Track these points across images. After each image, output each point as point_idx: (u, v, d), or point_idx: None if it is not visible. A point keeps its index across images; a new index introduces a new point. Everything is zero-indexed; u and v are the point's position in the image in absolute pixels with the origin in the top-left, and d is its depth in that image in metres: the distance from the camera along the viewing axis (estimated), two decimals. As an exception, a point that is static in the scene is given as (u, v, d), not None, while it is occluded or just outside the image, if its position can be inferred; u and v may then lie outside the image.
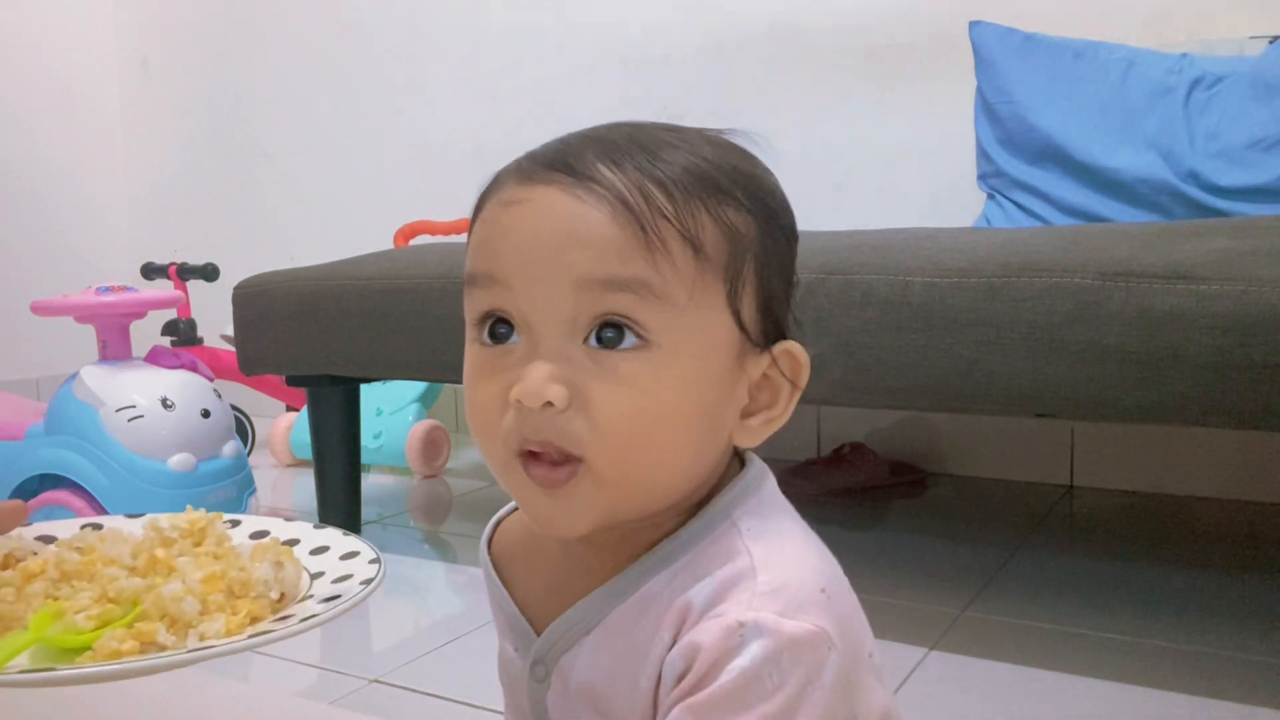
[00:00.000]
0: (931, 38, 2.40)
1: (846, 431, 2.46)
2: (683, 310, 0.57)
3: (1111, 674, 1.34)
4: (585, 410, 0.56)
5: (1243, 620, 1.52)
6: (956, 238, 1.45)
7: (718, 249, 0.58)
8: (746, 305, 0.60)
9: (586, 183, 0.57)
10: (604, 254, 0.56)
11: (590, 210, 0.56)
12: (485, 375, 0.60)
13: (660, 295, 0.56)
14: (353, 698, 1.33)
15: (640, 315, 0.56)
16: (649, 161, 0.58)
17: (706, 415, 0.60)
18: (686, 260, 0.57)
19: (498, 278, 0.59)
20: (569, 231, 0.56)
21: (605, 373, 0.56)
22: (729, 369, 0.60)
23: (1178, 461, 2.23)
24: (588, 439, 0.56)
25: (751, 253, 0.60)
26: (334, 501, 2.04)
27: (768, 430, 0.63)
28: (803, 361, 0.63)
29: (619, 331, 0.56)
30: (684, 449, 0.59)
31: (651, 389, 0.57)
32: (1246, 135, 1.88)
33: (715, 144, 0.62)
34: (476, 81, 3.03)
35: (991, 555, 1.82)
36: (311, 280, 1.92)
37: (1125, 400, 1.22)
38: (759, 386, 0.63)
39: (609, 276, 0.56)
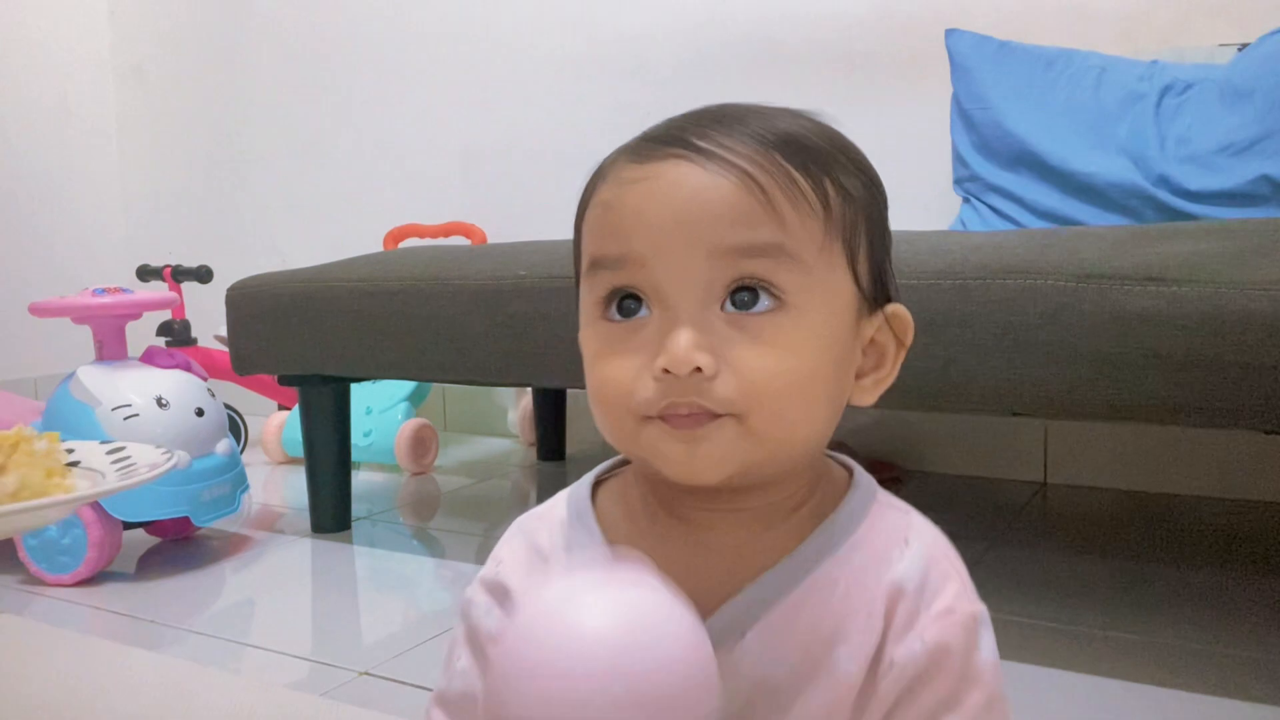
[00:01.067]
0: (908, 46, 2.43)
1: (827, 430, 2.48)
2: (812, 270, 0.58)
3: (1084, 667, 1.35)
4: (732, 373, 0.56)
5: (1215, 615, 1.54)
6: (933, 240, 1.46)
7: (839, 212, 0.59)
8: (862, 266, 0.61)
9: (709, 154, 0.58)
10: (736, 221, 0.56)
11: (717, 179, 0.57)
12: (616, 350, 0.59)
13: (793, 256, 0.57)
14: (343, 690, 1.34)
15: (775, 277, 0.57)
16: (763, 130, 0.59)
17: (838, 372, 0.61)
18: (814, 222, 0.58)
19: (630, 255, 0.58)
20: (700, 202, 0.57)
21: (746, 336, 0.57)
22: (852, 328, 0.61)
23: (1150, 459, 2.26)
24: (737, 399, 0.56)
25: (864, 215, 0.61)
26: (325, 498, 2.06)
27: (878, 390, 0.65)
28: (909, 321, 0.65)
29: (754, 294, 0.57)
30: (823, 404, 0.60)
31: (792, 347, 0.57)
32: (1216, 141, 1.90)
33: (807, 117, 0.63)
34: (464, 89, 3.04)
35: (967, 551, 1.81)
36: (303, 282, 1.93)
37: (1098, 399, 1.24)
38: (869, 348, 0.64)
39: (742, 243, 0.56)
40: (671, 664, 0.52)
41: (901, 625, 0.59)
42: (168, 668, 1.42)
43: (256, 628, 1.65)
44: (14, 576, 1.81)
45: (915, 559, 0.61)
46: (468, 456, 2.84)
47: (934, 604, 0.59)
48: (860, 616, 0.60)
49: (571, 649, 0.52)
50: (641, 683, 0.51)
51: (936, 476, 2.46)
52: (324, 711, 1.27)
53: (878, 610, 0.60)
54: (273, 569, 1.89)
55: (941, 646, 0.58)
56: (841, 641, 0.60)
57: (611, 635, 0.52)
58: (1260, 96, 1.87)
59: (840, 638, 0.60)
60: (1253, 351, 1.14)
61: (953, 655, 0.58)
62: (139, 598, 1.72)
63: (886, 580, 0.60)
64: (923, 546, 0.62)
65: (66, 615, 1.66)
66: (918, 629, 0.59)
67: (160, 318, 2.80)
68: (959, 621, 0.59)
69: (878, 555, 0.61)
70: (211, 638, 1.55)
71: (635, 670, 0.51)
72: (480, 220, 2.79)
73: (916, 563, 0.61)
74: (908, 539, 0.62)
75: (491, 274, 1.70)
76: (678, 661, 0.52)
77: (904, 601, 0.59)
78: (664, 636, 0.53)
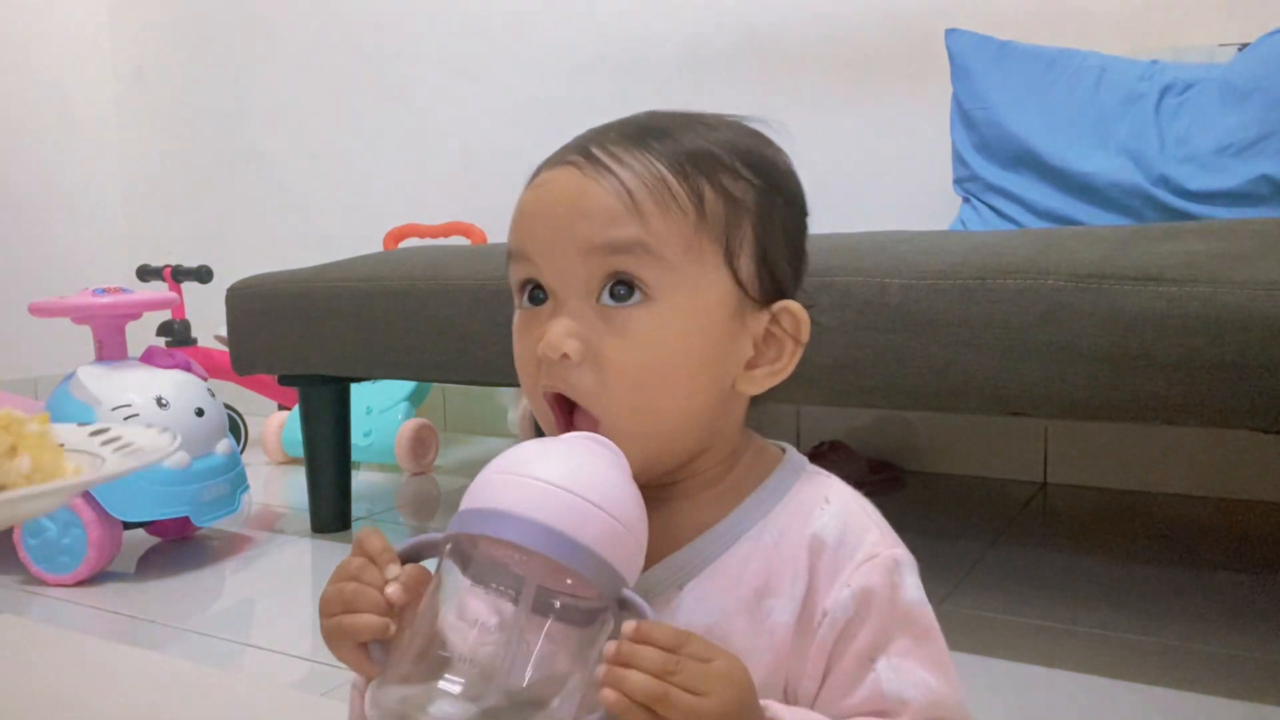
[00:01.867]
0: (909, 45, 2.43)
1: (825, 429, 2.49)
2: (677, 267, 0.63)
3: (1084, 667, 1.35)
4: (596, 363, 0.63)
5: (1215, 615, 1.54)
6: (933, 241, 1.46)
7: (715, 213, 0.65)
8: (744, 264, 0.66)
9: (595, 161, 0.65)
10: (602, 221, 0.63)
11: (592, 184, 0.64)
12: (523, 333, 0.67)
13: (655, 254, 0.63)
14: (343, 690, 1.31)
15: (639, 272, 0.63)
16: (657, 140, 0.66)
17: (707, 364, 0.66)
18: (681, 221, 0.64)
19: (526, 252, 0.66)
20: (574, 205, 0.64)
21: (614, 329, 0.63)
22: (728, 322, 0.66)
23: (1149, 459, 2.26)
24: (597, 391, 0.63)
25: (749, 217, 0.66)
26: (325, 498, 2.06)
27: (771, 381, 0.69)
28: (802, 319, 0.69)
29: (629, 289, 0.63)
30: (687, 394, 0.65)
31: (654, 341, 0.63)
32: (1215, 141, 1.90)
33: (733, 128, 0.70)
34: (464, 89, 3.05)
35: (967, 551, 1.85)
36: (303, 282, 1.93)
37: (1097, 399, 1.24)
38: (765, 342, 0.68)
39: (608, 240, 0.63)
40: (614, 482, 0.60)
41: (827, 576, 0.65)
42: (168, 668, 1.42)
43: (256, 628, 1.65)
44: (14, 576, 1.81)
45: (833, 514, 0.67)
46: (468, 456, 2.84)
47: (856, 553, 0.65)
48: (788, 570, 0.66)
49: (524, 454, 0.61)
50: (585, 478, 0.59)
51: (936, 476, 2.46)
52: (324, 711, 1.28)
53: (802, 562, 0.66)
54: (273, 569, 1.89)
55: (866, 590, 0.64)
56: (771, 594, 0.66)
57: (562, 450, 0.61)
58: (1260, 96, 1.87)
59: (770, 590, 0.66)
60: (1253, 351, 1.14)
61: (878, 596, 0.64)
62: (139, 598, 1.72)
63: (807, 534, 0.66)
64: (841, 504, 0.68)
65: (66, 615, 1.66)
66: (843, 578, 0.65)
67: (160, 318, 2.80)
68: (880, 564, 0.65)
69: (800, 515, 0.67)
70: (211, 638, 1.55)
71: (584, 473, 0.59)
72: (480, 220, 2.79)
73: (835, 518, 0.67)
74: (827, 498, 0.68)
75: (491, 274, 1.70)
76: (620, 484, 0.61)
77: (825, 553, 0.66)
78: (609, 462, 0.61)
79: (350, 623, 0.62)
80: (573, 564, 0.57)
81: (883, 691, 0.63)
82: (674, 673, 0.55)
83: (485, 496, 0.60)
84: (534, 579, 0.58)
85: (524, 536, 0.57)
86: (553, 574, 0.58)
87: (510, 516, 0.57)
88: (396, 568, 0.63)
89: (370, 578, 0.63)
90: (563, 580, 0.58)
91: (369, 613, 0.62)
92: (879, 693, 0.64)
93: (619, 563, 0.59)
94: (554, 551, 0.56)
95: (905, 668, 0.64)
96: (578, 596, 0.59)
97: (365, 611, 0.62)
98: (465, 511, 0.60)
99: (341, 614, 0.63)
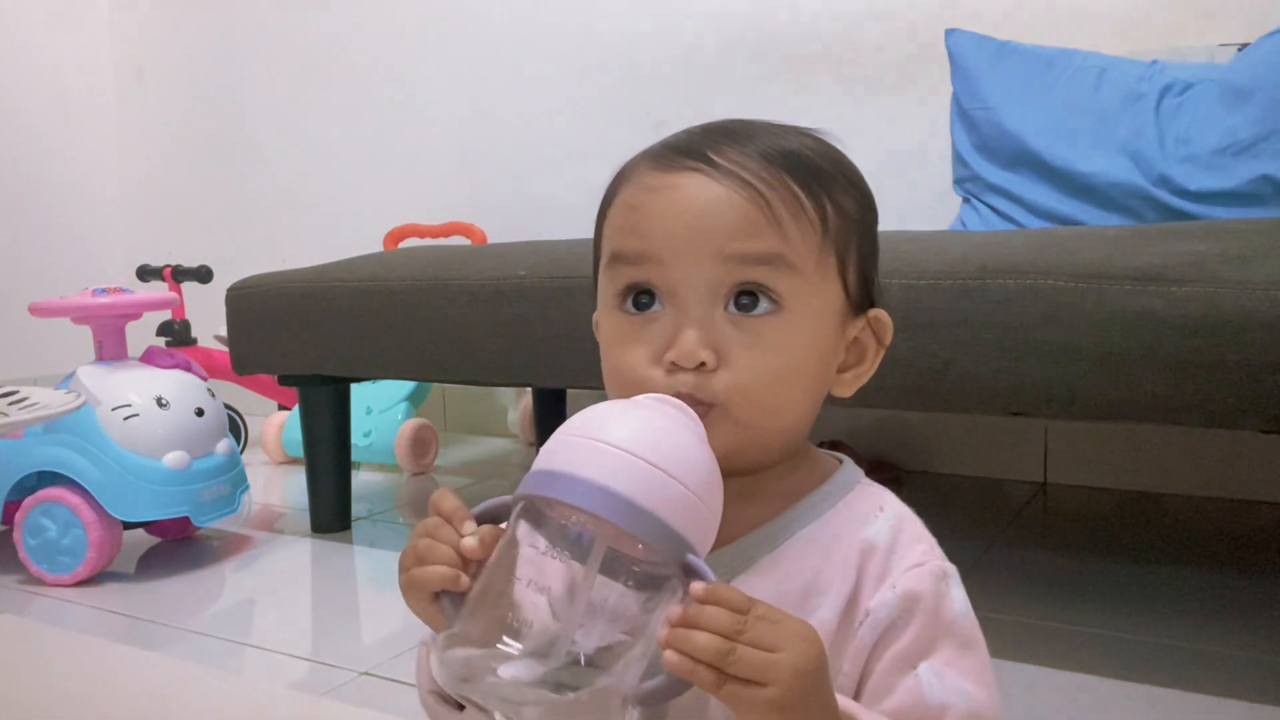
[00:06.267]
0: (908, 46, 2.43)
1: (826, 429, 2.48)
2: (808, 278, 0.66)
3: (1084, 666, 1.36)
4: (728, 369, 0.64)
5: (1215, 615, 1.55)
6: (933, 241, 1.46)
7: (835, 226, 0.67)
8: (851, 276, 0.69)
9: (723, 169, 0.65)
10: (742, 232, 0.64)
11: (730, 194, 0.64)
12: (630, 340, 0.67)
13: (791, 265, 0.65)
14: (343, 690, 1.35)
15: (774, 283, 0.64)
16: (771, 148, 0.67)
17: (822, 371, 0.69)
18: (812, 235, 0.66)
19: (649, 255, 0.66)
20: (712, 212, 0.65)
21: (745, 336, 0.64)
22: (837, 330, 0.69)
23: (1149, 459, 2.26)
24: (729, 394, 0.64)
25: (856, 230, 0.69)
26: (325, 498, 2.06)
27: (858, 383, 0.72)
28: (887, 323, 0.72)
29: (754, 298, 0.65)
30: (805, 399, 0.68)
31: (784, 349, 0.65)
32: (1216, 141, 1.89)
33: (812, 136, 0.71)
34: (464, 89, 3.04)
35: (967, 551, 1.85)
36: (303, 282, 1.94)
37: (1098, 399, 1.24)
38: (850, 346, 0.71)
39: (747, 251, 0.64)
40: (688, 446, 0.60)
41: (874, 579, 0.66)
42: (168, 668, 1.42)
43: (256, 628, 1.65)
44: (14, 576, 1.81)
45: (886, 521, 0.68)
46: (468, 456, 2.84)
47: (905, 559, 0.66)
48: (837, 571, 0.66)
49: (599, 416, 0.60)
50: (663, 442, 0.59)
51: (936, 476, 2.46)
52: (324, 711, 1.28)
53: (851, 564, 0.66)
54: (273, 569, 1.89)
55: (912, 594, 0.65)
56: (819, 593, 0.66)
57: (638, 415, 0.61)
58: (1260, 96, 1.87)
59: (818, 589, 0.66)
60: (1253, 351, 1.14)
61: (923, 601, 0.65)
62: (139, 598, 1.72)
63: (860, 539, 0.67)
64: (895, 514, 0.69)
65: (66, 615, 1.66)
66: (890, 580, 0.65)
67: (160, 318, 2.80)
68: (929, 571, 0.66)
69: (855, 520, 0.68)
70: (211, 638, 1.55)
71: (658, 438, 0.59)
72: (480, 220, 2.79)
73: (888, 525, 0.68)
74: (882, 507, 0.70)
75: (491, 274, 1.70)
76: (694, 450, 0.60)
77: (875, 557, 0.66)
78: (683, 425, 0.61)
79: (421, 574, 0.63)
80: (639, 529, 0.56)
81: (924, 697, 0.64)
82: (742, 632, 0.55)
83: (557, 458, 0.59)
84: (602, 542, 0.58)
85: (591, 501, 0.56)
86: (621, 538, 0.58)
87: (579, 480, 0.57)
88: (472, 524, 0.63)
89: (444, 535, 0.63)
90: (632, 545, 0.58)
91: (441, 564, 0.62)
92: (920, 698, 0.64)
93: (688, 530, 0.58)
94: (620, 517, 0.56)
95: (948, 675, 0.64)
96: (646, 562, 0.59)
97: (437, 564, 0.62)
98: (536, 472, 0.59)
99: (414, 567, 0.63)
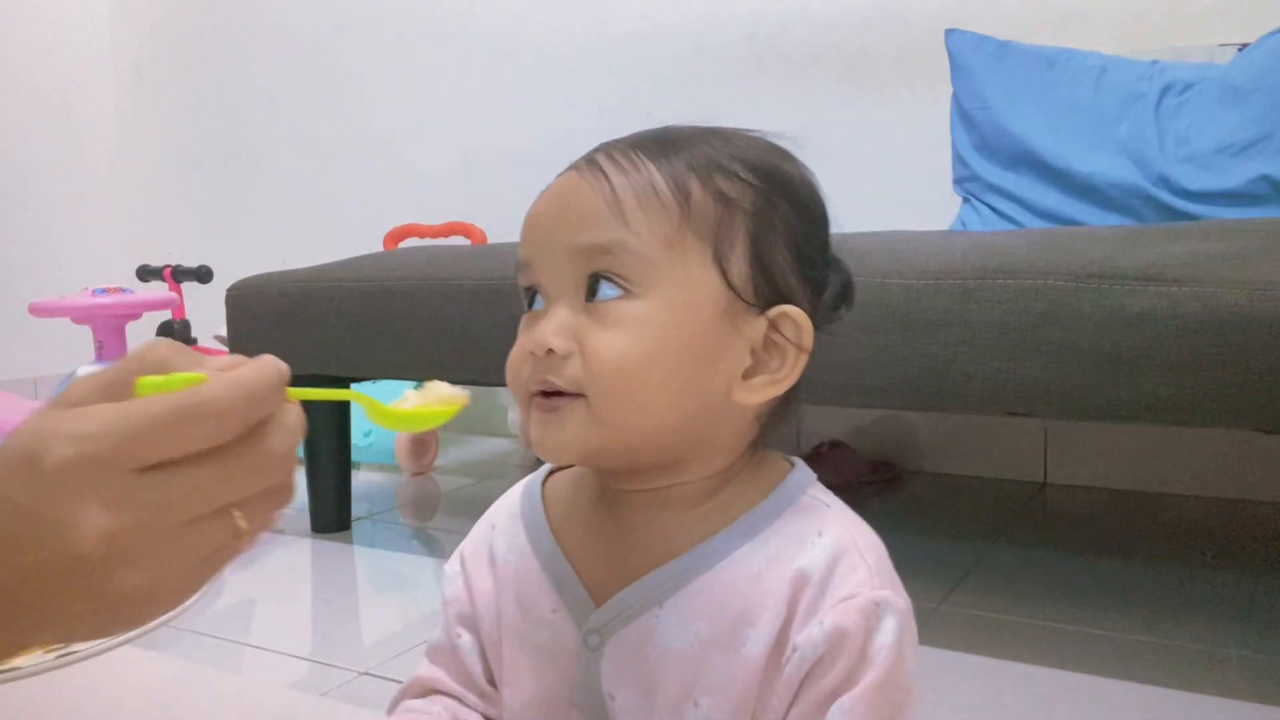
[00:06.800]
0: (909, 45, 2.43)
1: (826, 429, 2.49)
2: (658, 263, 0.63)
3: (1084, 667, 1.36)
4: (581, 355, 0.63)
5: (1215, 615, 1.55)
6: (933, 241, 1.47)
7: (702, 210, 0.64)
8: (736, 265, 0.65)
9: (593, 165, 0.65)
10: (585, 223, 0.64)
11: (579, 188, 0.65)
12: (520, 336, 0.66)
13: (634, 252, 0.63)
14: (343, 690, 1.34)
15: (620, 269, 0.63)
16: (662, 148, 0.66)
17: (691, 361, 0.64)
18: (663, 219, 0.63)
19: (525, 258, 0.67)
20: (564, 209, 0.65)
21: (597, 322, 0.63)
22: (715, 322, 0.64)
23: (1149, 459, 2.26)
24: (583, 378, 0.62)
25: (743, 218, 0.65)
26: (324, 498, 2.06)
27: (771, 390, 0.66)
28: (804, 325, 0.66)
29: (606, 284, 0.63)
30: (667, 390, 0.64)
31: (635, 332, 0.62)
32: (1215, 140, 1.90)
33: (749, 140, 0.69)
34: (464, 89, 3.05)
35: (967, 551, 1.85)
36: (303, 282, 1.93)
37: (1097, 399, 1.24)
38: (766, 350, 0.66)
39: (589, 242, 0.63)
40: None
41: (805, 612, 0.63)
42: (168, 668, 1.42)
43: (256, 628, 1.65)
44: (14, 576, 1.80)
45: (823, 549, 0.64)
46: (468, 456, 2.84)
47: (838, 591, 0.63)
48: (769, 601, 0.64)
49: None
50: None
51: (936, 476, 2.46)
52: (324, 711, 1.27)
53: (783, 596, 0.63)
54: (273, 569, 1.89)
55: (839, 630, 0.61)
56: (749, 623, 0.64)
57: None
58: (1260, 96, 1.88)
59: (748, 619, 0.64)
60: (1253, 351, 1.14)
61: (850, 638, 0.61)
62: (139, 598, 1.72)
63: (794, 567, 0.64)
64: (834, 538, 0.65)
65: (66, 615, 1.66)
66: (819, 615, 0.62)
67: (160, 318, 2.79)
68: (858, 606, 0.62)
69: (791, 544, 0.65)
70: (211, 638, 1.55)
71: None
72: (480, 220, 2.79)
73: (824, 553, 0.64)
74: (821, 530, 0.66)
75: (491, 274, 1.70)
76: None
77: (808, 589, 0.63)
78: None
79: None
80: None
81: None
82: None
83: None
84: None
85: None
86: None
87: None
88: None
89: None
90: None
91: None
92: None
93: None
94: None
95: (855, 711, 0.60)
96: None
97: None
98: None
99: None
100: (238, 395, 0.48)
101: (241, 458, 0.49)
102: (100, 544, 0.45)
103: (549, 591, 0.70)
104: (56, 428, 0.46)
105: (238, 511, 0.50)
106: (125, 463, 0.45)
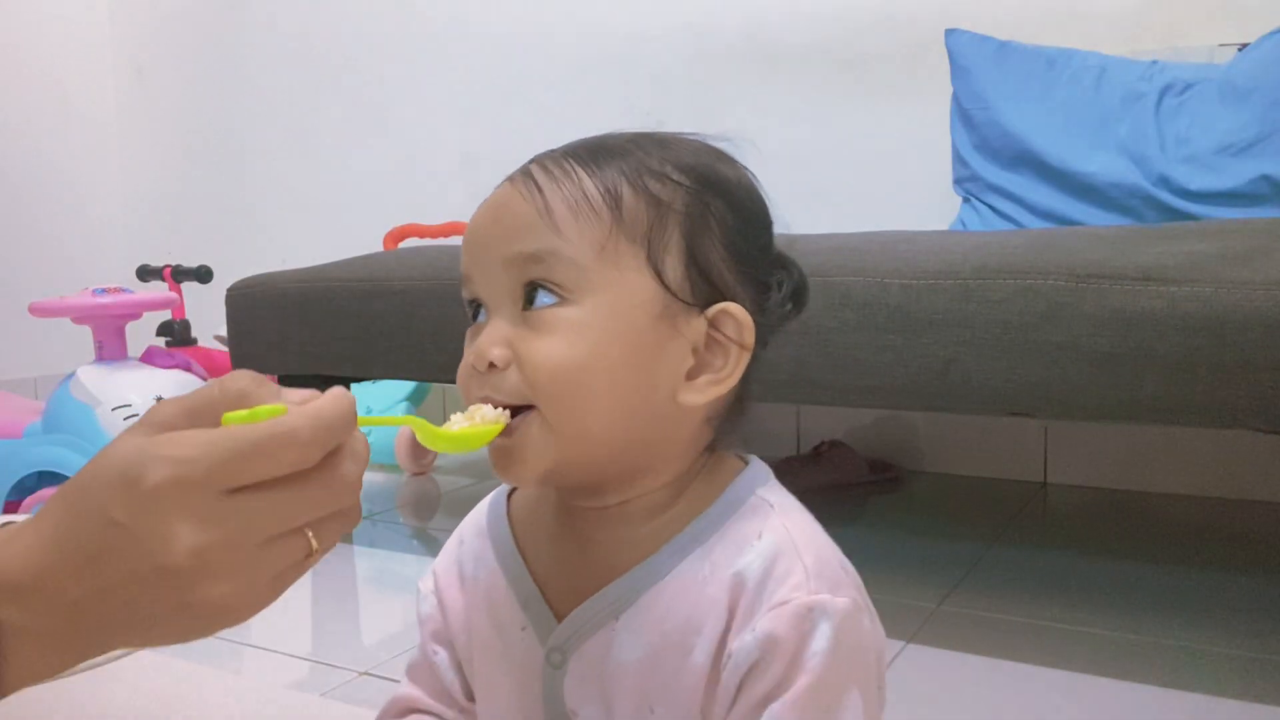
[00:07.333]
0: (909, 46, 2.43)
1: (826, 429, 2.48)
2: (590, 269, 0.63)
3: (1084, 666, 1.36)
4: (520, 365, 0.62)
5: (1214, 615, 1.55)
6: (932, 241, 1.46)
7: (634, 215, 0.64)
8: (671, 267, 0.64)
9: (526, 175, 0.65)
10: (517, 233, 0.64)
11: (512, 199, 0.65)
12: (465, 349, 0.66)
13: (566, 259, 0.62)
14: (343, 690, 1.35)
15: (553, 276, 0.62)
16: (588, 154, 0.66)
17: (632, 364, 0.63)
18: (594, 225, 0.63)
19: (465, 272, 0.67)
20: (496, 220, 0.66)
21: (533, 330, 0.63)
22: (653, 324, 0.64)
23: (1149, 459, 2.26)
24: (524, 389, 0.62)
25: (676, 219, 0.65)
26: (324, 499, 2.06)
27: (714, 390, 0.65)
28: (744, 322, 0.65)
29: (541, 293, 0.63)
30: (612, 393, 0.63)
31: (570, 337, 0.62)
32: (1215, 140, 1.90)
33: (687, 144, 0.68)
34: (465, 89, 3.05)
35: (967, 551, 1.85)
36: (303, 282, 1.93)
37: (1097, 399, 1.24)
38: (709, 350, 0.65)
39: (521, 251, 0.63)
40: None
41: (742, 618, 0.62)
42: (168, 668, 1.42)
43: (256, 628, 1.64)
44: (14, 576, 1.80)
45: (759, 553, 0.63)
46: (468, 457, 2.82)
47: (773, 596, 0.62)
48: (713, 607, 0.63)
49: None
50: None
51: (936, 476, 2.46)
52: (324, 711, 1.27)
53: (722, 602, 0.63)
54: (273, 569, 1.89)
55: (770, 637, 0.61)
56: (696, 631, 0.63)
57: None
58: (1260, 96, 1.88)
59: (694, 627, 0.64)
60: (1253, 351, 1.14)
61: (782, 645, 0.60)
62: (139, 598, 1.72)
63: (731, 572, 0.63)
64: (773, 541, 0.64)
65: (66, 615, 1.66)
66: (753, 621, 0.62)
67: (160, 318, 2.79)
68: (791, 611, 0.61)
69: (732, 548, 0.64)
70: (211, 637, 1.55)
71: None
72: (480, 220, 2.79)
73: (761, 556, 0.63)
74: (761, 533, 0.65)
75: (491, 274, 1.70)
76: None
77: (745, 594, 0.63)
78: None
79: None
80: None
81: None
82: None
83: None
84: None
85: None
86: None
87: None
88: None
89: None
90: None
91: None
92: None
93: None
94: None
95: (785, 717, 0.60)
96: None
97: None
98: None
99: None
100: (319, 426, 0.53)
101: (318, 482, 0.54)
102: (190, 558, 0.50)
103: (517, 609, 0.70)
104: (154, 451, 0.50)
105: (311, 532, 0.54)
106: (216, 485, 0.50)
